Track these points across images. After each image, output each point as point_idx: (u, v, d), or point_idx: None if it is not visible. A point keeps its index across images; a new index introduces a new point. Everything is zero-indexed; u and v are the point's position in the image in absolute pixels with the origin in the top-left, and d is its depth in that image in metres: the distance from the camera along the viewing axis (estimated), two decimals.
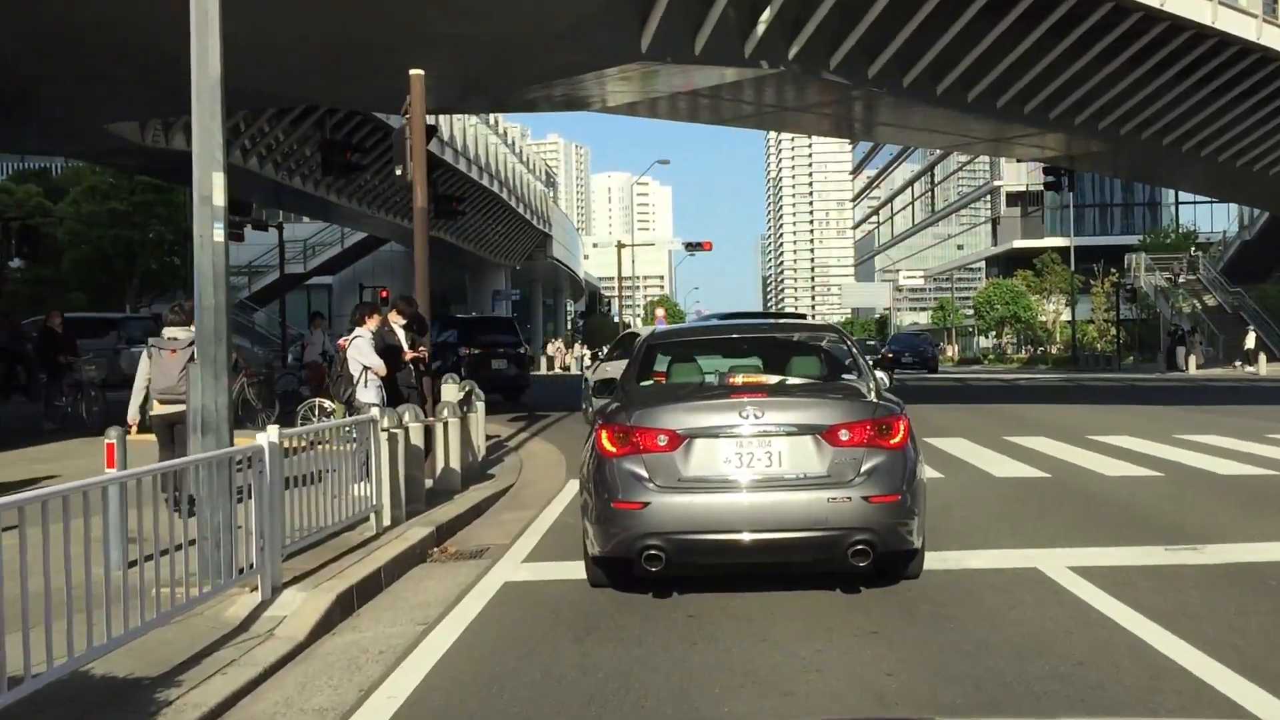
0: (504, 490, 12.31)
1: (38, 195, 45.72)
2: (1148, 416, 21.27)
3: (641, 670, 5.66)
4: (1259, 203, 51.94)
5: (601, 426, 7.13)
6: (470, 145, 47.40)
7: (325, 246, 61.40)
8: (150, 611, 5.72)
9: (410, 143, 13.25)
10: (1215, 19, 27.95)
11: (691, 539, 6.77)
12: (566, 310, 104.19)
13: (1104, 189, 78.93)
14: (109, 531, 6.25)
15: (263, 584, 6.88)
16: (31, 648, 4.78)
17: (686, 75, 23.78)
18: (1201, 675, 5.37)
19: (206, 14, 7.14)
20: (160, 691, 5.18)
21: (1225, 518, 9.80)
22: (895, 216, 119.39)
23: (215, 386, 7.30)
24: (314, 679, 5.75)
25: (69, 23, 18.84)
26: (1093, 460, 14.07)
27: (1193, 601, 6.82)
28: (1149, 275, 58.90)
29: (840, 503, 6.68)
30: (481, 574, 8.14)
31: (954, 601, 6.92)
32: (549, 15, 19.80)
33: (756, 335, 9.40)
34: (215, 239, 7.29)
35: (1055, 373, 51.53)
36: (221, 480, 6.84)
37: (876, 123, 33.77)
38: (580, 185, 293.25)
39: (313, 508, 8.04)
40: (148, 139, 28.93)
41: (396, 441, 9.71)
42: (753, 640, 6.14)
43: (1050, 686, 5.28)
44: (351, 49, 20.87)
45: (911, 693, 5.25)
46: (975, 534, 9.16)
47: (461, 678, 5.70)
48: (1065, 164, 39.14)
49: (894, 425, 6.94)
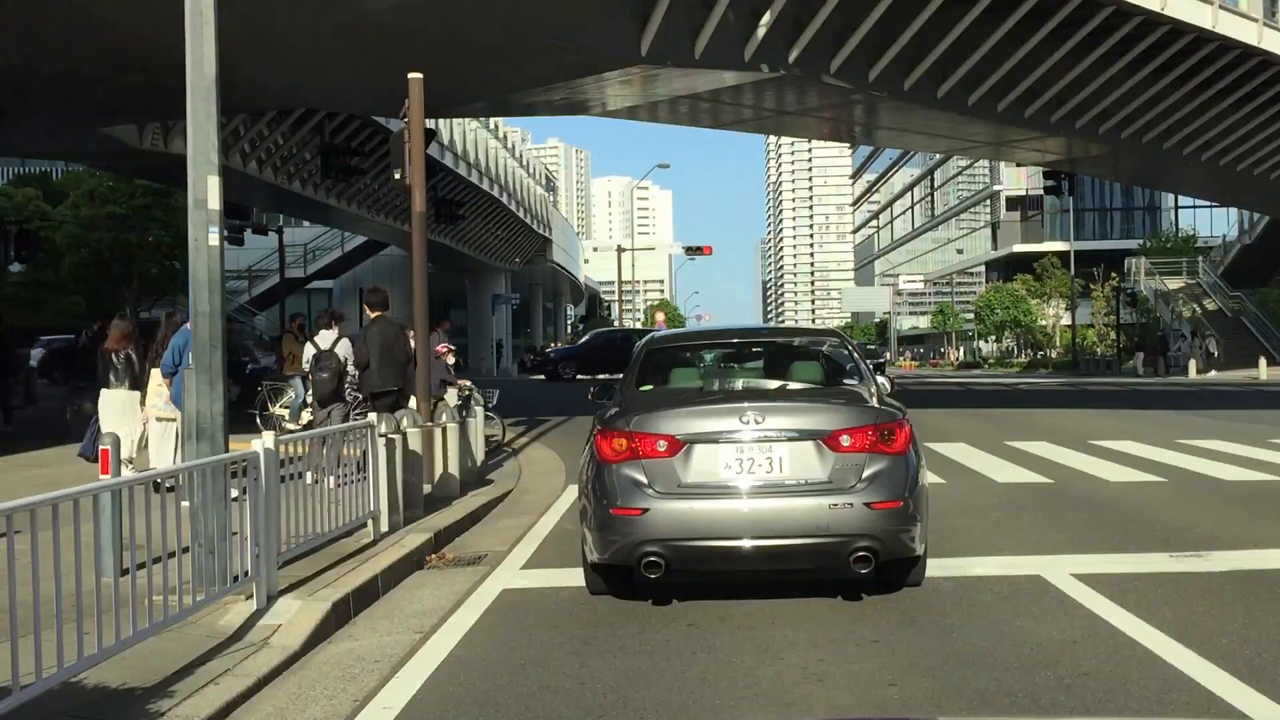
0: (503, 496, 12.22)
1: (36, 199, 45.68)
2: (1149, 421, 21.19)
3: (641, 682, 5.58)
4: (1260, 207, 51.87)
5: (600, 432, 7.06)
6: (470, 149, 47.32)
7: (325, 251, 61.38)
8: (143, 620, 5.64)
9: (409, 146, 13.16)
10: (1216, 23, 27.88)
11: (691, 546, 6.69)
12: (566, 314, 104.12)
13: (1104, 193, 78.93)
14: (101, 539, 6.17)
15: (257, 592, 6.80)
16: (21, 658, 4.70)
17: (686, 79, 23.70)
18: (1211, 686, 5.28)
19: (201, 13, 7.06)
20: (152, 702, 5.10)
21: (1231, 524, 9.71)
22: (895, 221, 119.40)
23: (210, 393, 7.23)
24: (309, 689, 5.66)
25: (66, 23, 18.77)
26: (1095, 466, 13.99)
27: (1200, 610, 6.73)
28: (1149, 279, 58.86)
29: (842, 509, 6.60)
30: (479, 581, 8.06)
31: (957, 610, 6.84)
32: (549, 18, 19.73)
33: (757, 340, 9.33)
34: (210, 243, 7.22)
35: (1056, 377, 51.47)
36: (216, 487, 6.75)
37: (877, 127, 33.71)
38: (581, 189, 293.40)
39: (309, 514, 7.95)
40: (146, 142, 28.85)
41: (394, 447, 9.63)
42: (753, 650, 6.06)
43: (1057, 698, 5.20)
44: (350, 51, 20.81)
45: (914, 704, 5.16)
46: (978, 541, 9.07)
47: (458, 689, 5.62)
48: (1066, 168, 39.08)
49: (896, 431, 6.87)
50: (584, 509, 7.13)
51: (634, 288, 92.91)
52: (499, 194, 53.22)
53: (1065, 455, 15.15)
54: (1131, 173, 46.18)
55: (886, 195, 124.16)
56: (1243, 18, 29.24)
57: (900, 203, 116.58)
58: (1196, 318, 54.46)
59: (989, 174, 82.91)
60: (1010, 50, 26.29)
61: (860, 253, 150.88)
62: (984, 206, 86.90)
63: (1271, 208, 49.80)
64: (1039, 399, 31.79)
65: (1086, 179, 62.24)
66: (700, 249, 62.77)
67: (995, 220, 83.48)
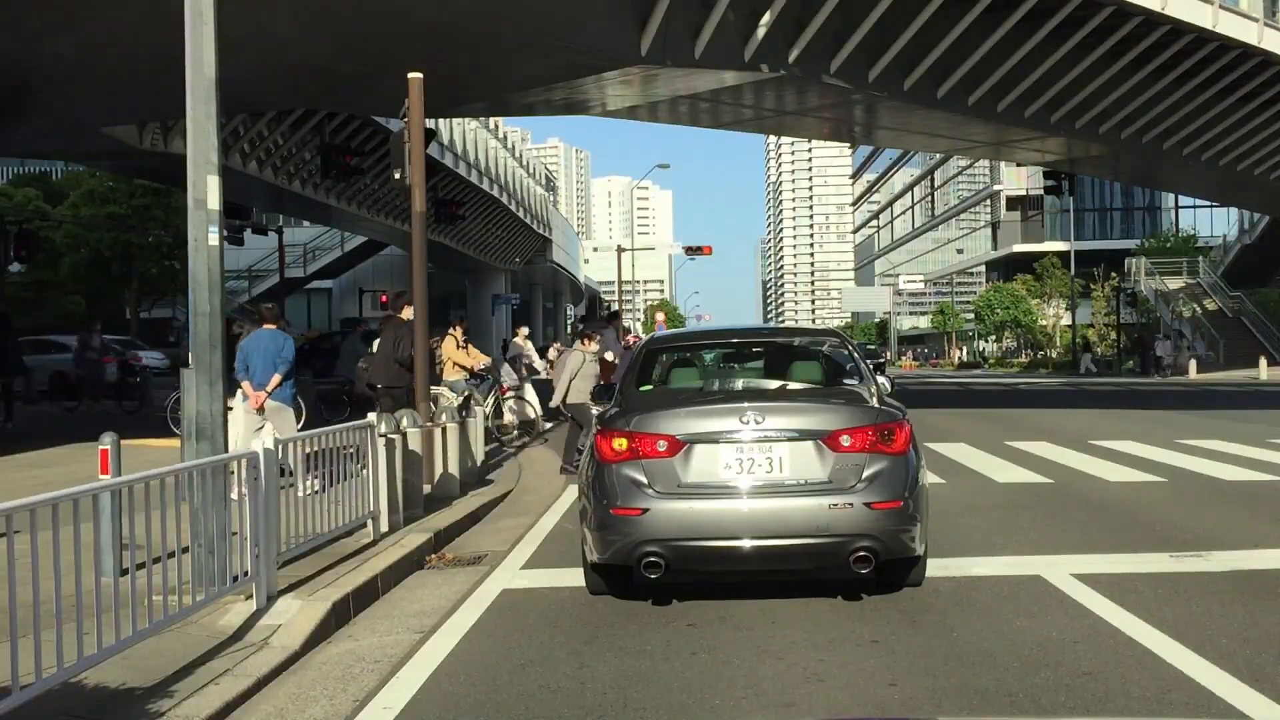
0: (503, 496, 12.22)
1: (36, 199, 45.70)
2: (1149, 421, 21.19)
3: (640, 682, 5.57)
4: (1260, 206, 51.88)
5: (600, 432, 7.06)
6: (470, 149, 47.31)
7: (325, 251, 61.39)
8: (143, 620, 5.63)
9: (408, 146, 13.15)
10: (1216, 23, 27.89)
11: (691, 546, 6.69)
12: (567, 314, 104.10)
13: (1104, 193, 78.95)
14: (101, 539, 6.16)
15: (257, 592, 6.79)
16: (21, 658, 4.69)
17: (686, 79, 23.70)
18: (1211, 687, 5.28)
19: (201, 14, 7.06)
20: (152, 702, 5.10)
21: (1231, 524, 9.71)
22: (895, 221, 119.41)
23: (210, 393, 7.22)
24: (308, 689, 5.66)
25: (65, 23, 18.77)
26: (1095, 466, 13.99)
27: (1200, 610, 6.73)
28: (1149, 279, 58.86)
29: (842, 509, 6.60)
30: (479, 581, 8.06)
31: (957, 610, 6.84)
32: (549, 18, 19.73)
33: (757, 340, 9.33)
34: (210, 243, 7.21)
35: (1056, 377, 51.48)
36: (216, 487, 6.75)
37: (877, 126, 33.70)
38: (581, 189, 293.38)
39: (309, 514, 7.95)
40: (146, 142, 28.86)
41: (394, 447, 9.63)
42: (753, 650, 6.06)
43: (1057, 698, 5.19)
44: (350, 51, 20.80)
45: (915, 704, 5.16)
46: (978, 541, 9.07)
47: (457, 689, 5.61)
48: (1066, 168, 39.09)
49: (896, 431, 6.86)
50: (584, 509, 7.13)
51: (634, 288, 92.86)
52: (499, 194, 53.20)
53: (1065, 455, 15.14)
54: (1131, 173, 46.20)
55: (886, 195, 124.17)
56: (1243, 17, 29.26)
57: (900, 203, 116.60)
58: (1196, 319, 54.45)
59: (989, 174, 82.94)
60: (1010, 50, 26.30)
61: (860, 253, 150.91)
62: (984, 206, 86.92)
63: (1271, 208, 49.81)
64: (1039, 399, 31.79)
65: (1086, 179, 62.28)
66: (700, 249, 62.68)
67: (995, 220, 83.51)
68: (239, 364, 10.99)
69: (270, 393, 10.96)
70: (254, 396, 10.97)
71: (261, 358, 10.98)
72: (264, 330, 11.23)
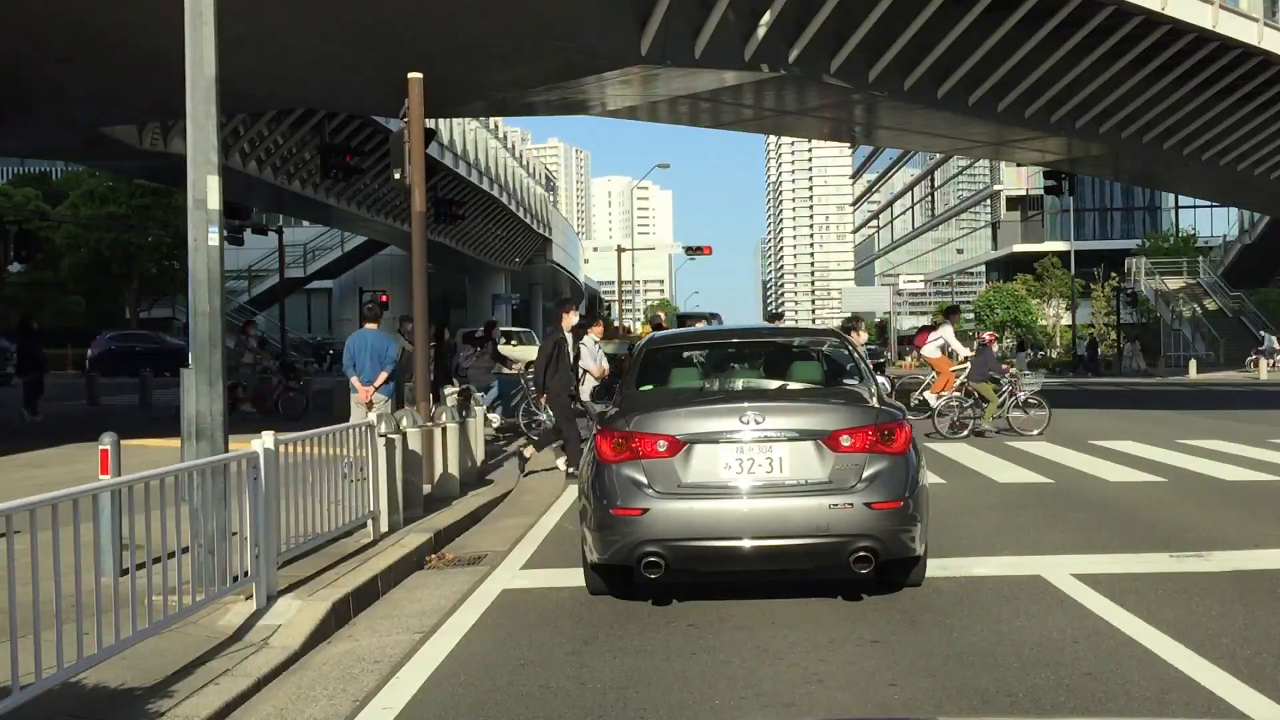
0: (503, 496, 12.22)
1: (36, 199, 45.71)
2: (1150, 421, 21.18)
3: (640, 682, 5.57)
4: (1260, 206, 51.87)
5: (600, 432, 7.05)
6: (470, 149, 47.34)
7: (325, 251, 61.45)
8: (143, 620, 5.63)
9: (408, 146, 13.15)
10: (1216, 23, 27.88)
11: (691, 546, 6.68)
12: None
13: (1104, 193, 78.90)
14: (101, 539, 6.16)
15: (257, 592, 6.79)
16: (21, 658, 4.69)
17: (686, 79, 23.69)
18: (1212, 687, 5.28)
19: (201, 14, 7.06)
20: (152, 702, 5.09)
21: (1231, 524, 9.71)
22: (895, 221, 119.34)
23: (210, 392, 7.22)
24: (308, 689, 5.66)
25: (65, 23, 18.76)
26: (1096, 466, 13.99)
27: (1200, 610, 6.72)
28: (1149, 279, 58.87)
29: (842, 509, 6.59)
30: (479, 581, 8.05)
31: (957, 610, 6.83)
32: (549, 18, 19.73)
33: (757, 340, 9.32)
34: (210, 243, 7.21)
35: (1056, 377, 51.43)
36: (216, 487, 6.74)
37: (877, 126, 33.69)
38: (581, 189, 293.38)
39: (309, 514, 7.94)
40: (145, 142, 28.87)
41: (394, 447, 9.62)
42: (753, 650, 6.05)
43: (1057, 698, 5.19)
44: (350, 51, 20.80)
45: (915, 704, 5.16)
46: (978, 541, 9.07)
47: (457, 689, 5.61)
48: (1066, 168, 39.05)
49: (896, 431, 6.86)
50: (584, 509, 7.13)
51: (634, 288, 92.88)
52: (499, 194, 53.23)
53: (1065, 455, 15.14)
54: (1131, 173, 46.19)
55: (886, 195, 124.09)
56: (1243, 17, 29.25)
57: (900, 202, 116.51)
58: (1196, 318, 54.47)
59: (989, 174, 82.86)
60: (1010, 50, 26.29)
61: (860, 252, 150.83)
62: (984, 206, 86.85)
63: (1271, 208, 49.81)
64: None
65: (1086, 179, 62.21)
66: (700, 249, 62.72)
67: (995, 220, 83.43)
68: (346, 360, 12.15)
69: (378, 388, 11.97)
70: (363, 391, 11.93)
71: (370, 356, 12.01)
72: (368, 330, 12.27)
